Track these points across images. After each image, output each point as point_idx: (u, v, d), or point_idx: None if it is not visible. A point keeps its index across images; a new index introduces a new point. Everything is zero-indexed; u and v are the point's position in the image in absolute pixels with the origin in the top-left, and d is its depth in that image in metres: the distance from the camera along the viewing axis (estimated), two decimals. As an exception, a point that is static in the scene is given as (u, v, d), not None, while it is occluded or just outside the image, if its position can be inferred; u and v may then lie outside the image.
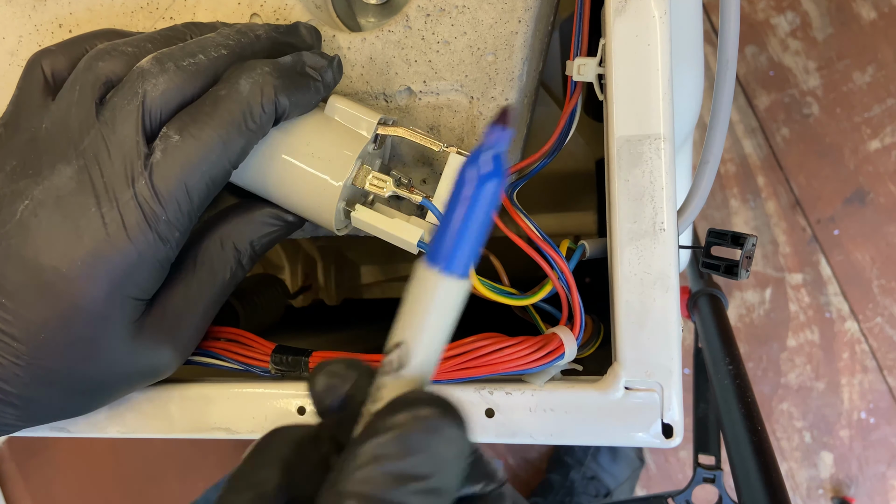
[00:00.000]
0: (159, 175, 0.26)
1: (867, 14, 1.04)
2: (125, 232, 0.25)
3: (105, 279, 0.26)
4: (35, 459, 1.16)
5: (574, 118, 0.31)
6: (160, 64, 0.26)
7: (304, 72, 0.28)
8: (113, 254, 0.26)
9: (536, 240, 0.29)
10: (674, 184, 0.29)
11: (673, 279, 0.29)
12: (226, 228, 0.30)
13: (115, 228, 0.25)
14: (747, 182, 1.07)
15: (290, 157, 0.29)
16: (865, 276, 1.05)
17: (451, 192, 0.18)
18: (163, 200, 0.26)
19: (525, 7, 0.31)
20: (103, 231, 0.25)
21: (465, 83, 0.31)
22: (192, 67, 0.27)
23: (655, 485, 1.09)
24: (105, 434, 0.33)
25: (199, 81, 0.27)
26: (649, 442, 0.29)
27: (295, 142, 0.29)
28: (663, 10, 0.28)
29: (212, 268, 0.29)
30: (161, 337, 0.28)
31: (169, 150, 0.26)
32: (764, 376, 1.08)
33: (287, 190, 0.29)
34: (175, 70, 0.26)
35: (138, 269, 0.26)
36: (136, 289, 0.27)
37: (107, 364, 0.27)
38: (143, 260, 0.26)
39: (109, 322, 0.26)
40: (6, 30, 0.33)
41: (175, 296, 0.29)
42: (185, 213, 0.26)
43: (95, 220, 0.25)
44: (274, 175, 0.29)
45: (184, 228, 0.27)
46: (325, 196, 0.29)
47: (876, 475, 1.06)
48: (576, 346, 0.29)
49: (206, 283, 0.29)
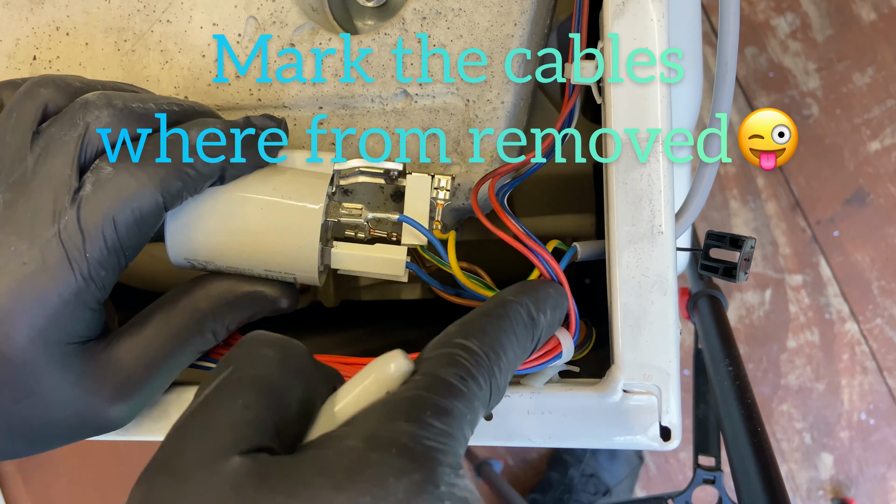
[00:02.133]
0: (87, 209, 0.24)
1: (867, 15, 1.04)
2: (46, 272, 0.24)
3: (25, 322, 0.24)
4: (35, 460, 1.16)
5: (572, 120, 0.31)
6: (107, 98, 0.25)
7: (252, 133, 0.27)
8: (32, 295, 0.24)
9: (526, 240, 0.29)
10: (672, 186, 0.29)
11: (671, 282, 0.29)
12: (202, 295, 0.28)
13: (34, 268, 0.24)
14: (747, 183, 1.07)
15: (262, 209, 0.27)
16: (865, 278, 1.05)
17: None
18: (87, 236, 0.24)
19: (521, 10, 0.31)
20: (21, 271, 0.24)
21: (462, 86, 0.31)
22: (140, 110, 0.26)
23: (655, 486, 1.09)
24: (105, 436, 0.33)
25: (146, 124, 0.26)
26: (647, 445, 0.29)
27: (263, 190, 0.27)
28: (661, 13, 0.28)
29: (178, 335, 0.28)
30: (107, 389, 0.26)
31: (100, 182, 0.24)
32: (764, 377, 1.08)
33: (263, 245, 0.28)
34: (122, 107, 0.25)
35: (62, 311, 0.24)
36: (61, 332, 0.25)
37: (43, 409, 0.26)
38: (66, 302, 0.24)
39: (35, 367, 0.25)
40: (3, 32, 0.33)
41: (131, 351, 0.27)
42: (111, 251, 0.25)
43: (14, 259, 0.24)
44: (243, 238, 0.27)
45: (110, 268, 0.25)
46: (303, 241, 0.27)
47: (876, 476, 1.06)
48: (573, 346, 0.29)
49: (169, 347, 0.28)
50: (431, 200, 0.30)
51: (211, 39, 0.32)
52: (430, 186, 0.29)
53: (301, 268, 0.28)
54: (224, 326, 0.29)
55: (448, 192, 0.30)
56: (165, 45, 0.33)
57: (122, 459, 1.15)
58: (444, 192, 0.30)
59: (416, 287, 0.63)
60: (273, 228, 0.27)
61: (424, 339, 0.23)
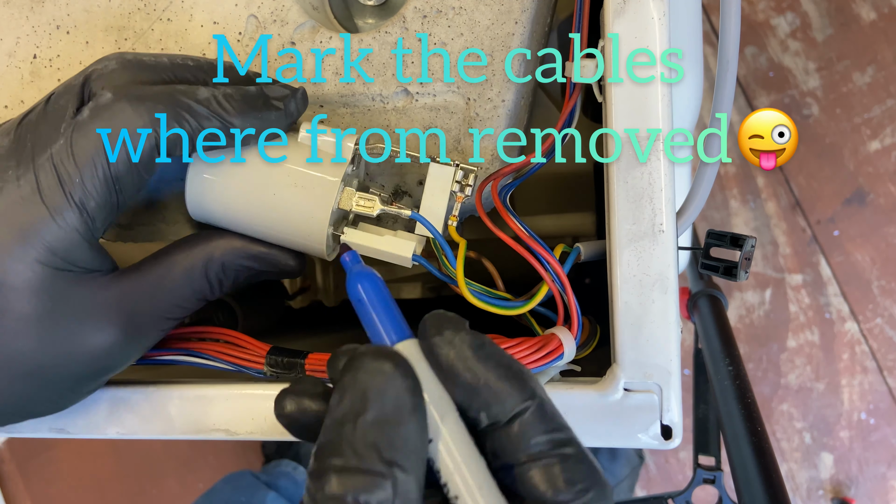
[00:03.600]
0: (80, 133, 0.25)
1: (867, 15, 1.04)
2: (39, 195, 0.25)
3: (18, 243, 0.25)
4: (35, 460, 1.16)
5: (573, 119, 0.31)
6: (120, 54, 0.27)
7: (267, 101, 0.28)
8: (26, 217, 0.25)
9: (528, 241, 0.29)
10: (673, 185, 0.29)
11: (672, 281, 0.29)
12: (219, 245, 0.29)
13: (28, 191, 0.25)
14: (747, 183, 1.07)
15: (273, 191, 0.28)
16: (865, 277, 1.05)
17: (354, 304, 0.24)
18: (78, 161, 0.25)
19: (521, 8, 0.31)
20: (17, 193, 0.25)
21: (462, 85, 0.31)
22: (152, 62, 0.27)
23: (655, 485, 1.09)
24: (104, 435, 0.33)
25: (154, 75, 0.27)
26: (648, 443, 0.29)
27: (276, 174, 0.28)
28: (662, 12, 0.28)
29: (186, 273, 0.28)
30: (111, 316, 0.27)
31: (98, 108, 0.25)
32: (764, 377, 1.08)
33: (274, 223, 0.29)
34: (133, 59, 0.27)
35: (57, 235, 0.25)
36: (56, 258, 0.25)
37: (43, 341, 0.26)
38: (58, 227, 0.25)
39: (31, 291, 0.25)
40: (4, 31, 0.33)
41: (137, 281, 0.28)
42: (101, 179, 0.25)
43: (10, 182, 0.25)
44: (259, 210, 0.28)
45: (103, 201, 0.26)
46: (314, 225, 0.28)
47: (876, 476, 1.06)
48: (574, 347, 0.29)
49: (176, 281, 0.28)
50: (452, 194, 0.30)
51: (211, 38, 0.32)
52: (452, 179, 0.30)
53: (312, 252, 0.29)
54: (230, 279, 0.29)
55: (470, 189, 0.30)
56: (166, 43, 0.33)
57: (121, 459, 1.15)
58: (467, 188, 0.30)
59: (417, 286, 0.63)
60: (285, 223, 0.28)
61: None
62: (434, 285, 0.64)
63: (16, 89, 0.33)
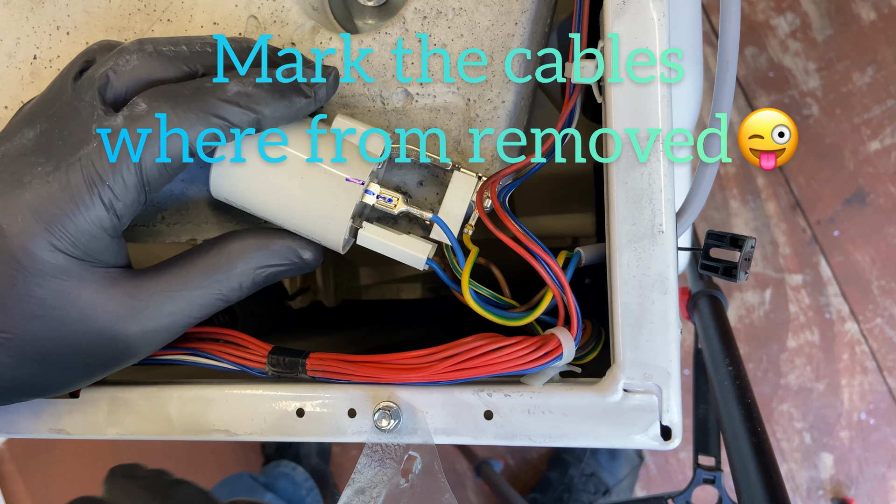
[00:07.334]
0: (114, 138, 0.26)
1: (867, 15, 1.04)
2: (69, 192, 0.26)
3: (43, 236, 0.26)
4: (35, 460, 1.16)
5: (573, 120, 0.31)
6: (140, 45, 0.27)
7: (297, 86, 0.28)
8: (54, 210, 0.26)
9: (527, 242, 0.29)
10: (673, 185, 0.29)
11: (672, 281, 0.29)
12: (238, 247, 0.30)
13: (57, 188, 0.26)
14: (747, 183, 1.07)
15: (298, 176, 0.29)
16: (865, 278, 1.05)
17: None
18: (111, 167, 0.26)
19: (521, 9, 0.31)
20: (45, 189, 0.26)
21: (462, 85, 0.31)
22: (171, 53, 0.27)
23: (655, 486, 1.09)
24: (104, 436, 0.33)
25: (176, 68, 0.27)
26: (648, 444, 0.29)
27: (303, 160, 0.29)
28: (662, 12, 0.28)
29: (204, 272, 0.29)
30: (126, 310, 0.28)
31: (132, 118, 0.26)
32: (764, 377, 1.08)
33: (294, 209, 0.29)
34: (152, 52, 0.27)
35: (80, 230, 0.26)
36: (79, 251, 0.26)
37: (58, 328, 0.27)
38: (85, 222, 0.26)
39: (51, 281, 0.26)
40: (4, 31, 0.33)
41: (155, 279, 0.28)
42: (132, 183, 0.26)
43: (40, 178, 0.26)
44: (281, 194, 0.29)
45: (130, 201, 0.27)
46: (337, 214, 0.29)
47: (876, 476, 1.06)
48: (574, 347, 0.29)
49: (193, 280, 0.29)
50: (471, 203, 0.30)
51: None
52: (473, 189, 0.30)
53: (327, 243, 0.30)
54: (249, 281, 0.30)
55: (490, 201, 0.30)
56: (166, 44, 0.33)
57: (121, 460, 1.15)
58: (487, 200, 0.30)
59: (417, 287, 0.63)
60: (305, 209, 0.29)
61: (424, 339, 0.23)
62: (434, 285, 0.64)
63: (16, 90, 0.33)
